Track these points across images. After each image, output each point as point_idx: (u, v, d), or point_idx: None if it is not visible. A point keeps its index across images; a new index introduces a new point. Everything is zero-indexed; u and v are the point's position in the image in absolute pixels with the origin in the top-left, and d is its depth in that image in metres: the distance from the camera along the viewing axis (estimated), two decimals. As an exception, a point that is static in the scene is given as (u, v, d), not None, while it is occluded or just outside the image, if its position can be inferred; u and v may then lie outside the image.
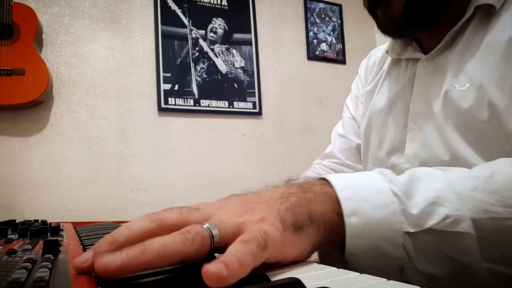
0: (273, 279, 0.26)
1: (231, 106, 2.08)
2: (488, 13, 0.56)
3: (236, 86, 2.11)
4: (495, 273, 0.31)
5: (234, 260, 0.24)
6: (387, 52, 0.71)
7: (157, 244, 0.26)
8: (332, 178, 0.34)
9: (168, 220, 0.29)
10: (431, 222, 0.31)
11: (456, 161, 0.53)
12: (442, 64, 0.59)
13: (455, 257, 0.31)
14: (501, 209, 0.31)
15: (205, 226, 0.28)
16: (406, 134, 0.62)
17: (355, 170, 0.81)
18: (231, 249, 0.25)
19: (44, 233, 0.58)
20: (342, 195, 0.32)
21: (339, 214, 0.32)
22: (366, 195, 0.32)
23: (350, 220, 0.31)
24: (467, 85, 0.54)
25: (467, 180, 0.33)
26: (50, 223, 0.73)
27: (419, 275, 0.32)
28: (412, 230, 0.31)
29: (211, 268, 0.22)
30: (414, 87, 0.63)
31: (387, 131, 0.67)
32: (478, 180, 0.33)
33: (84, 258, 0.26)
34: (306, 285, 0.23)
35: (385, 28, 0.62)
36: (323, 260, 0.34)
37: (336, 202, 0.32)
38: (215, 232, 0.28)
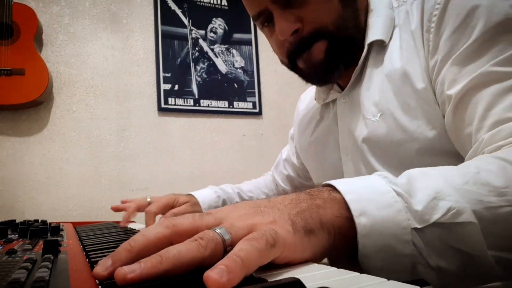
0: (273, 279, 0.26)
1: (231, 106, 2.08)
2: (381, 47, 0.62)
3: (236, 86, 2.11)
4: (502, 260, 0.32)
5: (237, 259, 0.25)
6: (315, 99, 0.77)
7: (172, 253, 0.27)
8: (337, 183, 0.35)
9: (181, 226, 0.30)
10: (436, 216, 0.32)
11: None
12: (356, 99, 0.65)
13: (462, 248, 0.32)
14: (494, 199, 0.33)
15: (217, 231, 0.29)
16: (342, 167, 0.69)
17: (285, 191, 1.01)
18: (235, 248, 0.26)
19: (44, 233, 0.59)
20: (348, 198, 0.33)
21: (348, 218, 0.33)
22: (370, 197, 0.33)
23: (360, 221, 0.32)
24: (378, 115, 0.60)
25: (458, 177, 0.35)
26: (50, 223, 0.74)
27: (430, 270, 0.33)
28: (419, 226, 0.32)
29: (211, 275, 0.23)
30: (339, 123, 0.69)
31: (327, 168, 0.75)
32: (468, 176, 0.35)
33: (104, 266, 0.27)
34: (306, 285, 0.23)
35: (309, 77, 0.67)
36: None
37: (344, 207, 0.33)
38: (227, 237, 0.29)
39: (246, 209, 0.33)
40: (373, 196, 0.33)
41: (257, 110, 2.14)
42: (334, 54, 0.61)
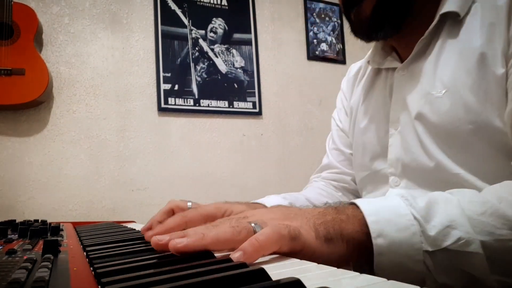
0: (273, 275, 0.26)
1: (231, 106, 2.08)
2: (456, 20, 0.57)
3: (236, 86, 2.11)
4: (505, 284, 0.36)
5: (255, 243, 0.32)
6: (368, 62, 0.74)
7: (212, 232, 0.35)
8: (361, 203, 0.39)
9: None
10: (447, 243, 0.36)
11: (436, 167, 0.56)
12: (417, 72, 0.61)
13: (468, 271, 0.36)
14: (505, 232, 0.36)
15: (251, 224, 0.36)
16: (388, 140, 0.65)
17: (353, 177, 0.82)
18: (260, 231, 0.34)
19: (44, 233, 0.59)
20: (369, 219, 0.37)
21: (367, 235, 0.37)
22: (389, 218, 0.37)
23: (377, 241, 0.36)
24: (443, 91, 0.56)
25: (478, 205, 0.38)
26: (50, 223, 0.74)
27: (438, 285, 0.37)
28: (430, 249, 0.36)
29: (232, 256, 0.31)
30: (393, 95, 0.66)
31: (369, 138, 0.70)
32: (487, 205, 0.37)
33: (161, 237, 0.36)
34: (306, 285, 0.23)
35: (357, 31, 0.65)
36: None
37: (364, 225, 0.37)
38: (257, 228, 0.35)
39: (278, 213, 0.39)
40: (391, 217, 0.37)
41: (257, 110, 2.14)
42: (379, 13, 0.60)
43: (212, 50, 2.08)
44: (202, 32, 2.07)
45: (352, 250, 0.37)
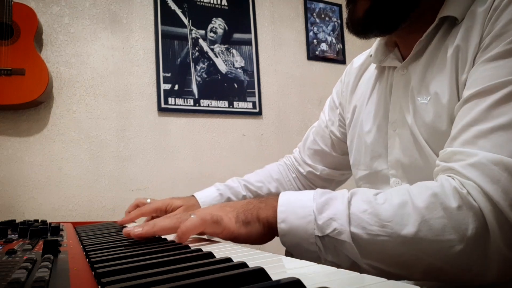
0: (273, 275, 0.26)
1: (231, 106, 2.08)
2: (453, 25, 0.57)
3: (236, 86, 2.11)
4: (373, 266, 0.45)
5: (182, 227, 0.49)
6: (370, 55, 0.73)
7: (161, 223, 0.52)
8: (282, 194, 0.51)
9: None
10: (328, 230, 0.46)
11: (432, 169, 0.56)
12: (412, 74, 0.62)
13: (347, 254, 0.46)
14: (375, 228, 0.44)
15: (191, 215, 0.50)
16: (388, 141, 0.66)
17: (313, 169, 0.95)
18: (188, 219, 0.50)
19: (44, 233, 0.59)
20: (279, 209, 0.49)
21: (276, 219, 0.49)
22: (294, 209, 0.48)
23: (280, 226, 0.48)
24: (428, 99, 0.58)
25: (364, 204, 0.46)
26: (50, 223, 0.74)
27: (329, 263, 0.46)
28: (319, 234, 0.46)
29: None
30: (392, 96, 0.66)
31: (371, 137, 0.70)
32: (370, 204, 0.46)
33: (127, 229, 0.52)
34: (306, 285, 0.23)
35: (348, 27, 0.66)
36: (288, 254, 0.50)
37: (276, 212, 0.49)
38: (193, 215, 0.50)
39: (213, 208, 0.53)
40: (296, 208, 0.48)
41: (257, 110, 2.14)
42: (371, 17, 0.60)
43: (212, 50, 2.08)
44: (202, 32, 2.07)
45: (267, 230, 0.50)
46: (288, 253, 0.49)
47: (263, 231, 0.50)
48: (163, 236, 0.55)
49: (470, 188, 0.43)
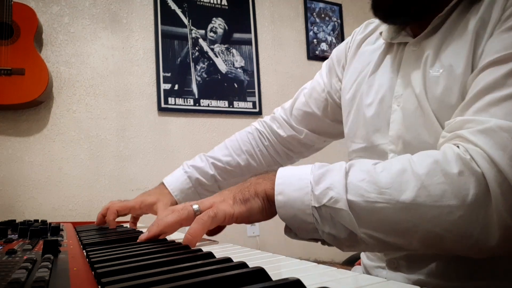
0: (273, 275, 0.26)
1: (231, 106, 2.08)
2: (472, 2, 0.56)
3: (236, 86, 2.11)
4: (372, 236, 0.45)
5: (188, 236, 0.49)
6: (380, 33, 0.71)
7: (163, 220, 0.53)
8: (281, 169, 0.51)
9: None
10: (324, 200, 0.45)
11: (436, 144, 0.55)
12: (425, 49, 0.60)
13: (344, 224, 0.45)
14: (374, 195, 0.44)
15: (193, 206, 0.53)
16: (390, 116, 0.64)
17: (297, 133, 0.92)
18: (190, 227, 0.50)
19: (44, 233, 0.59)
20: (277, 181, 0.49)
21: (274, 192, 0.49)
22: (291, 181, 0.48)
23: (278, 198, 0.48)
24: (440, 71, 0.56)
25: (362, 173, 0.46)
26: (50, 223, 0.73)
27: (326, 234, 0.46)
28: (316, 205, 0.46)
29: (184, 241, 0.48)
30: (400, 70, 0.64)
31: (372, 111, 0.68)
32: (368, 174, 0.45)
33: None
34: (306, 285, 0.23)
35: (376, 9, 0.62)
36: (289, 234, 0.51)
37: (273, 184, 0.49)
38: (195, 207, 0.53)
39: (216, 195, 0.55)
40: (294, 180, 0.48)
41: (257, 110, 2.14)
42: (402, 1, 0.58)
43: (212, 50, 2.08)
44: (202, 32, 2.07)
45: (266, 204, 0.51)
46: (288, 228, 0.49)
47: (263, 205, 0.51)
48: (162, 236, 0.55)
49: (474, 153, 0.42)
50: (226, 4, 2.14)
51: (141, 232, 0.64)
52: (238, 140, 1.01)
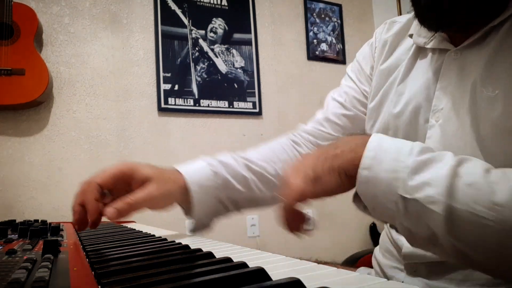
0: (272, 275, 0.26)
1: (231, 106, 2.08)
2: None
3: (236, 86, 2.11)
4: (456, 247, 0.39)
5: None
6: (409, 36, 0.63)
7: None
8: (374, 136, 0.44)
9: None
10: (418, 195, 0.39)
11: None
12: (471, 61, 0.53)
13: (429, 224, 0.39)
14: (482, 209, 0.37)
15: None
16: (426, 131, 0.57)
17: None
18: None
19: (44, 233, 0.59)
20: (366, 153, 0.42)
21: (357, 166, 0.42)
22: (385, 160, 0.41)
23: (363, 172, 0.42)
24: (496, 92, 0.49)
25: (472, 176, 0.39)
26: (50, 223, 0.73)
27: (403, 228, 0.41)
28: (406, 196, 0.39)
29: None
30: (439, 81, 0.56)
31: (403, 123, 0.61)
32: (481, 179, 0.38)
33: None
34: (306, 285, 0.23)
35: (425, 16, 0.54)
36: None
37: (360, 155, 0.42)
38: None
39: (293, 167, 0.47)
40: (388, 160, 0.41)
41: (257, 110, 2.14)
42: (461, 6, 0.49)
43: (212, 50, 2.08)
44: (202, 32, 2.07)
45: (341, 179, 0.44)
46: (358, 198, 0.44)
47: (337, 182, 0.44)
48: (163, 236, 0.54)
49: None
50: (226, 4, 2.14)
51: (141, 232, 0.64)
52: (273, 149, 0.83)
